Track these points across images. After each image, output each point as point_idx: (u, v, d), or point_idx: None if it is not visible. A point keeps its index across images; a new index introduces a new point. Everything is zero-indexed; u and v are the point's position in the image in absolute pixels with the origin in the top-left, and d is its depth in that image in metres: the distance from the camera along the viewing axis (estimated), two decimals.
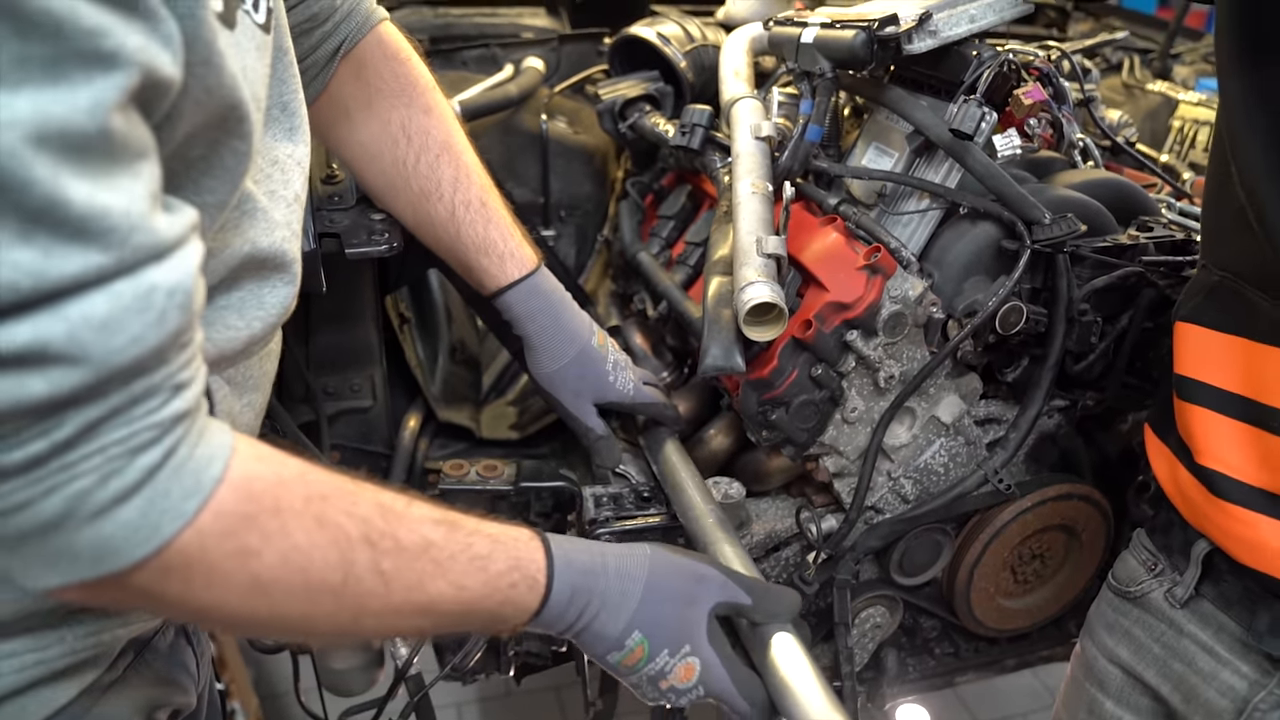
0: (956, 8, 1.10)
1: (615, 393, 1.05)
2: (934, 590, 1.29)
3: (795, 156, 1.14)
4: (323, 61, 0.93)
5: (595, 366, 1.03)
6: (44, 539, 0.48)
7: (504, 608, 0.69)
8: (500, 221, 0.99)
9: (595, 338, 1.05)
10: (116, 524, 0.49)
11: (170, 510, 0.50)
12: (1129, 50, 1.83)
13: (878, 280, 1.04)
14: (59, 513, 0.47)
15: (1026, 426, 1.14)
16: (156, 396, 0.49)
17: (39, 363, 0.44)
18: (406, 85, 0.97)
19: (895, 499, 1.18)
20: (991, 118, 1.04)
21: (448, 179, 0.97)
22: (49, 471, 0.47)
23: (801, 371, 1.06)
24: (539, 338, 1.01)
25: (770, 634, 0.81)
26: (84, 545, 0.49)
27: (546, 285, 1.02)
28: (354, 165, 1.01)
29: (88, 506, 0.48)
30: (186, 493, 0.51)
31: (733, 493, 1.11)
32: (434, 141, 0.97)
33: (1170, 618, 0.94)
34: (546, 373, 1.03)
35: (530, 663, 1.33)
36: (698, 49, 1.44)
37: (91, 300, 0.44)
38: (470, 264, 0.99)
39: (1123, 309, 1.15)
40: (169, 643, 0.79)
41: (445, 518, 0.66)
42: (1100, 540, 1.31)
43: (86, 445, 0.47)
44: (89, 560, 0.50)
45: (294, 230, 0.71)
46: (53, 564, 0.50)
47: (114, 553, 0.50)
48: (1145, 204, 1.21)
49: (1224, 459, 0.85)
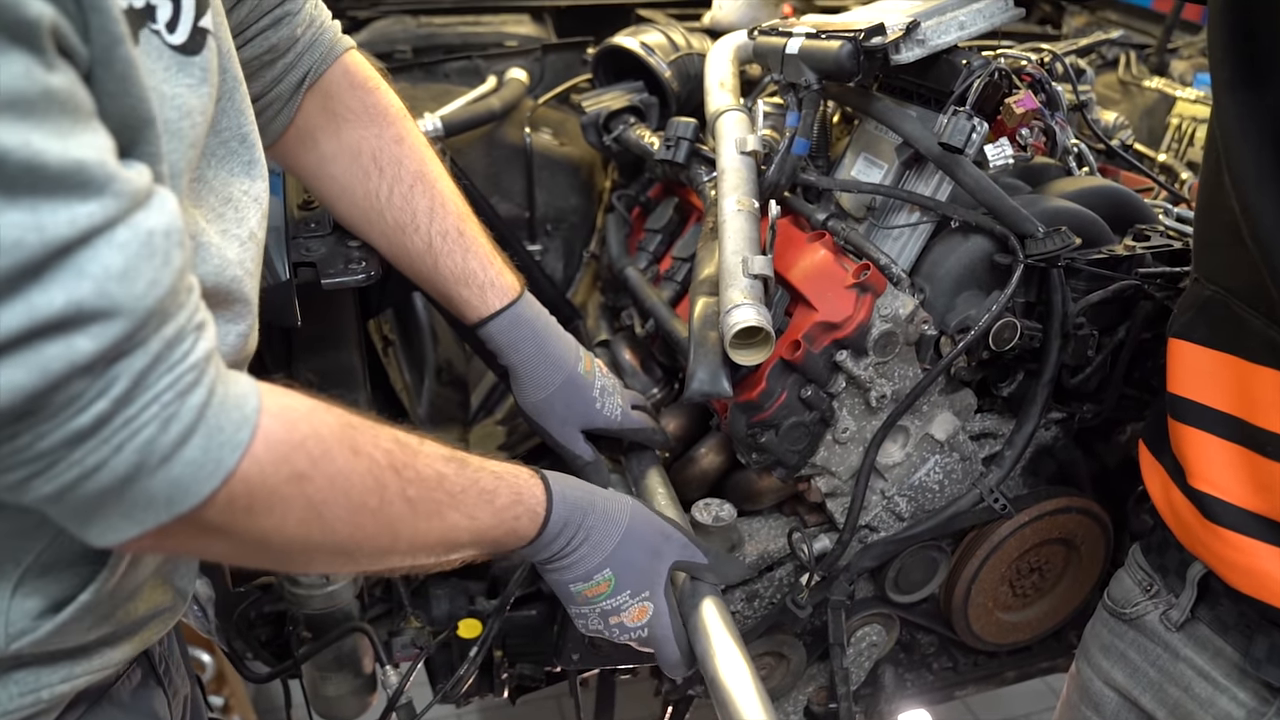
0: (945, 15, 1.07)
1: (602, 419, 1.04)
2: (931, 606, 1.27)
3: (782, 171, 1.12)
4: (287, 94, 0.90)
5: (582, 394, 1.02)
6: (121, 494, 0.51)
7: (507, 537, 0.78)
8: (479, 250, 0.97)
9: (582, 364, 1.03)
10: (184, 464, 0.52)
11: (227, 442, 0.54)
12: (1125, 46, 1.80)
13: (867, 298, 1.02)
14: (132, 465, 0.50)
15: (1022, 444, 1.12)
16: (186, 339, 0.52)
17: (80, 322, 0.46)
18: (376, 115, 0.95)
19: (890, 517, 1.16)
20: (982, 128, 1.01)
21: (423, 209, 0.95)
22: (115, 428, 0.49)
23: (791, 393, 1.04)
24: (524, 367, 0.99)
25: (702, 598, 0.89)
26: (158, 490, 0.52)
27: (530, 313, 1.00)
28: (326, 198, 0.99)
29: (156, 453, 0.51)
30: (237, 425, 0.54)
31: (724, 515, 1.10)
32: (407, 172, 0.95)
33: (1166, 641, 0.92)
34: (533, 402, 1.01)
35: (524, 684, 1.32)
36: (683, 58, 1.41)
37: (103, 253, 0.46)
38: (450, 295, 0.98)
39: (1120, 320, 1.13)
40: (132, 689, 0.76)
41: (454, 455, 0.72)
42: (1100, 552, 1.29)
43: (143, 395, 0.50)
44: (164, 503, 0.53)
45: (248, 269, 0.68)
46: (129, 515, 0.52)
47: (186, 492, 0.53)
48: (1141, 212, 1.19)
49: (1217, 482, 0.83)
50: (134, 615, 0.71)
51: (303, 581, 1.18)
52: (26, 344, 0.45)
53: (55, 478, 0.50)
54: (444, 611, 1.26)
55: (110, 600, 0.67)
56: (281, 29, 0.86)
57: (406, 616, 1.24)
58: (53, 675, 0.66)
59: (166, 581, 0.75)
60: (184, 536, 0.56)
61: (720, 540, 1.09)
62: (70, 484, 0.50)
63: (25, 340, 0.45)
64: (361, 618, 1.24)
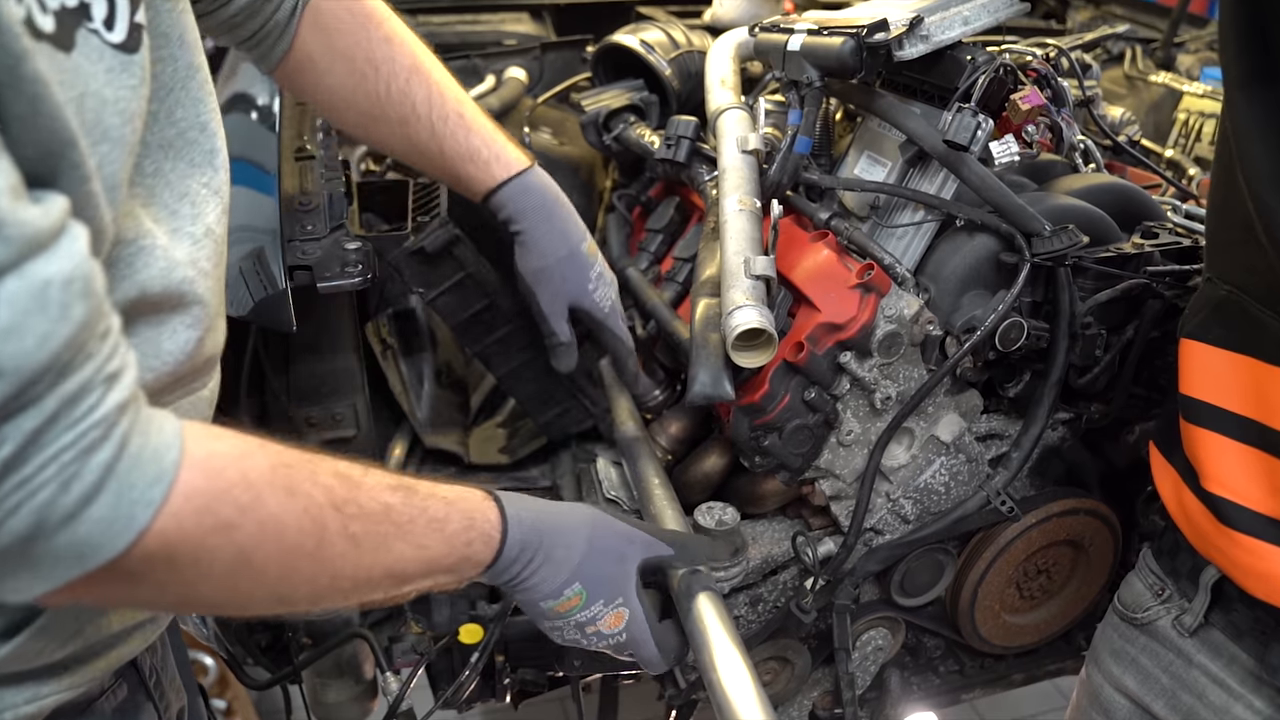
0: (949, 10, 1.05)
1: (591, 302, 1.07)
2: (937, 609, 1.26)
3: (784, 170, 1.10)
4: (284, 21, 0.92)
5: (581, 271, 1.05)
6: (24, 553, 0.48)
7: (462, 564, 0.74)
8: (481, 129, 1.00)
9: (586, 244, 1.06)
10: (90, 523, 0.49)
11: (139, 500, 0.51)
12: (1131, 40, 1.78)
13: (871, 299, 1.00)
14: (29, 525, 0.47)
15: (1029, 445, 1.10)
16: (92, 393, 0.48)
17: None
18: (362, 19, 0.96)
19: (895, 520, 1.14)
20: (987, 125, 0.99)
21: (421, 99, 0.97)
22: (7, 490, 0.46)
23: (794, 395, 1.03)
24: (530, 234, 1.02)
25: (701, 601, 0.88)
26: (62, 549, 0.49)
27: (539, 183, 1.03)
28: (329, 112, 1.02)
29: (56, 514, 0.48)
30: (150, 480, 0.51)
31: (726, 518, 1.08)
32: (400, 67, 0.97)
33: (1179, 647, 0.90)
34: (534, 268, 1.04)
35: (526, 689, 1.31)
36: (683, 55, 1.40)
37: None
38: (459, 174, 1.00)
39: (1128, 319, 1.11)
40: (116, 704, 0.73)
41: (401, 483, 0.69)
42: (1108, 553, 1.27)
43: (37, 456, 0.46)
44: (72, 560, 0.50)
45: (201, 269, 0.65)
46: (36, 572, 0.50)
47: (94, 549, 0.50)
48: (1149, 208, 1.17)
49: (1232, 485, 0.81)
50: (107, 630, 0.68)
51: None
52: None
53: None
54: (445, 617, 1.25)
55: (73, 619, 0.64)
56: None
57: (407, 622, 1.23)
58: (16, 696, 0.64)
59: None
60: (102, 589, 0.54)
61: (723, 544, 1.08)
62: None
63: None
64: (362, 624, 1.23)
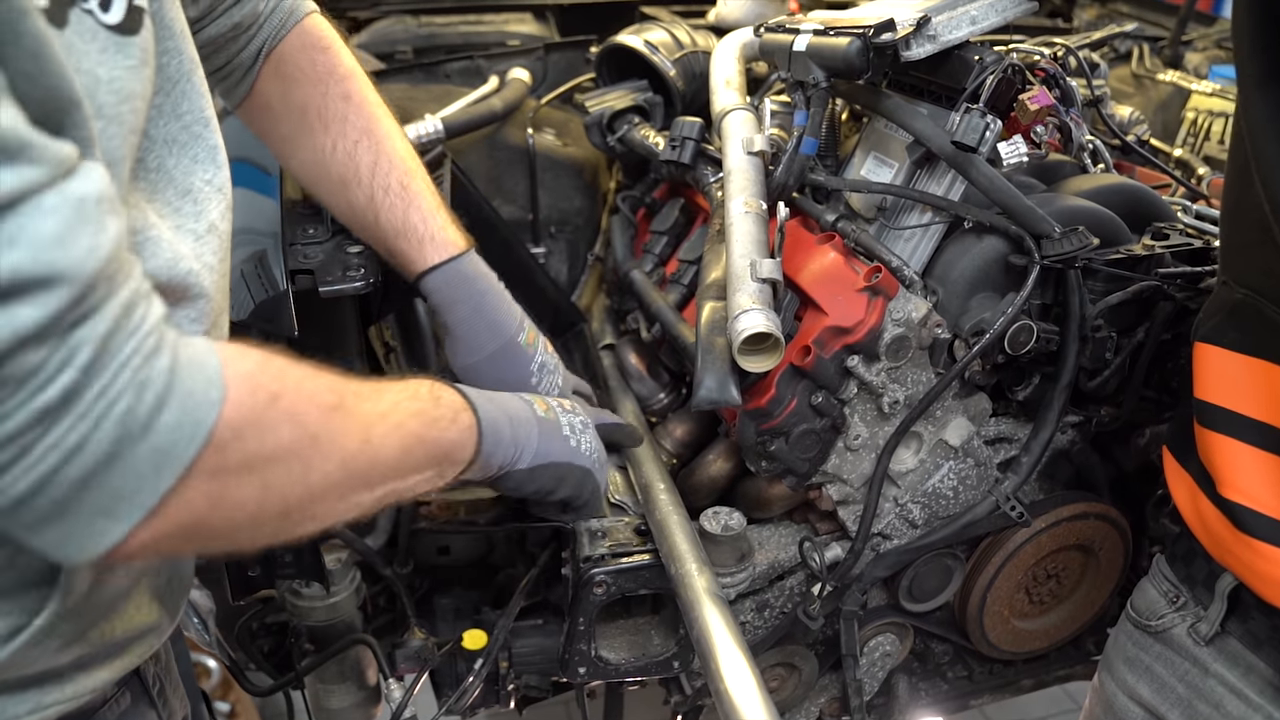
0: (956, 9, 1.04)
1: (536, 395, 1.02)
2: (945, 615, 1.25)
3: (790, 171, 1.09)
4: (247, 63, 0.91)
5: (517, 367, 1.00)
6: (104, 478, 0.49)
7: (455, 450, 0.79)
8: (421, 205, 0.97)
9: (524, 335, 1.02)
10: (165, 430, 0.50)
11: (202, 398, 0.52)
12: (1138, 38, 1.76)
13: (879, 302, 0.99)
14: (115, 438, 0.48)
15: (1039, 450, 1.09)
16: (139, 305, 0.50)
17: (19, 291, 0.44)
18: (324, 73, 0.95)
19: (903, 524, 1.13)
20: (996, 126, 0.98)
21: (365, 164, 0.96)
22: (90, 400, 0.47)
23: (801, 400, 1.01)
24: (458, 328, 0.99)
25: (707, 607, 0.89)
26: (143, 464, 0.50)
27: (471, 271, 0.99)
28: (280, 158, 1.01)
29: (136, 422, 0.49)
30: (207, 378, 0.53)
31: (733, 524, 1.07)
32: (352, 128, 0.96)
33: (1195, 655, 0.89)
34: (462, 364, 1.00)
35: (530, 695, 1.30)
36: (687, 56, 1.38)
37: (34, 220, 0.44)
38: (390, 249, 0.98)
39: (1139, 321, 1.10)
40: (119, 713, 0.72)
41: (377, 386, 0.71)
42: (1119, 558, 1.26)
43: (112, 363, 0.48)
44: (151, 476, 0.50)
45: (206, 263, 0.65)
46: (112, 509, 0.50)
47: (175, 454, 0.51)
48: (1160, 209, 1.16)
49: (1250, 492, 0.80)
50: (110, 637, 0.67)
51: (304, 593, 1.16)
52: None
53: (33, 467, 0.47)
54: (449, 622, 1.24)
55: (74, 622, 0.63)
56: (245, 6, 0.87)
57: (410, 627, 1.22)
58: (19, 706, 0.63)
59: (154, 600, 0.72)
60: (173, 525, 0.53)
61: (730, 550, 1.07)
62: (50, 472, 0.47)
63: None
64: (365, 629, 1.22)
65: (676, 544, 0.97)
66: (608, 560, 1.03)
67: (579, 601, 1.03)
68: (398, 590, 1.17)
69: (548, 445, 0.91)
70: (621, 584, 1.02)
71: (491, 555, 1.29)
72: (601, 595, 1.02)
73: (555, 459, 0.91)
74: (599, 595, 1.02)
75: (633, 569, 1.02)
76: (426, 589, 1.26)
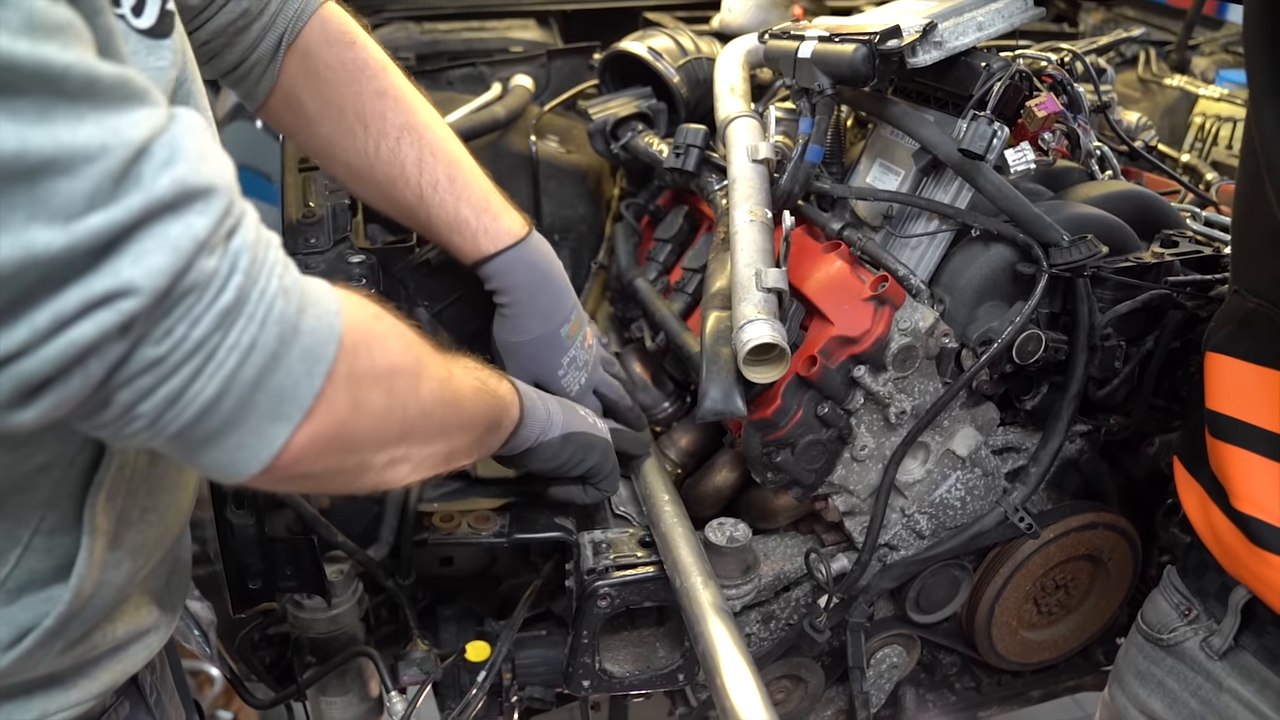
0: (963, 15, 1.03)
1: (557, 387, 1.04)
2: (953, 626, 1.23)
3: (795, 179, 1.08)
4: (267, 56, 0.89)
5: (552, 355, 1.04)
6: (272, 376, 0.52)
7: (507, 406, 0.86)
8: (472, 196, 0.97)
9: (567, 326, 1.04)
10: (309, 331, 0.54)
11: (329, 308, 0.56)
12: (1144, 43, 1.75)
13: (885, 311, 0.98)
14: (277, 336, 0.52)
15: (1048, 460, 1.08)
16: (262, 229, 0.53)
17: (188, 201, 0.47)
18: (356, 71, 0.93)
19: (910, 535, 1.12)
20: (1003, 133, 0.97)
21: (411, 161, 0.95)
22: (254, 302, 0.51)
23: (807, 410, 1.00)
24: (510, 309, 1.02)
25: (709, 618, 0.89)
26: (297, 364, 0.53)
27: (528, 258, 1.00)
28: (320, 160, 1.00)
29: (289, 323, 0.53)
30: (327, 293, 0.57)
31: (738, 535, 1.06)
32: (392, 125, 0.94)
33: (1208, 670, 0.88)
34: (505, 341, 1.04)
35: (533, 706, 1.29)
36: (691, 62, 1.37)
37: (179, 143, 0.47)
38: (446, 243, 1.00)
39: (1148, 330, 1.08)
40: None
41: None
42: (1128, 568, 1.24)
43: (264, 268, 0.51)
44: (305, 376, 0.54)
45: None
46: (277, 411, 0.53)
47: (319, 358, 0.55)
48: (1169, 216, 1.14)
49: (1264, 504, 0.78)
50: (112, 638, 0.68)
51: (306, 605, 1.15)
52: (151, 224, 0.46)
53: (218, 369, 0.50)
54: (451, 633, 1.23)
55: (80, 622, 0.64)
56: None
57: (413, 639, 1.21)
58: (24, 714, 0.63)
59: (152, 600, 0.72)
60: (323, 429, 0.56)
61: (735, 561, 1.06)
62: (231, 373, 0.50)
63: (148, 221, 0.46)
64: (367, 640, 1.21)
65: (681, 557, 0.96)
66: (612, 572, 1.02)
67: (582, 614, 1.02)
68: (400, 601, 1.16)
69: (571, 418, 0.97)
70: (625, 597, 1.01)
71: (495, 566, 1.28)
72: (605, 608, 1.01)
73: (579, 428, 0.97)
74: (603, 608, 1.01)
75: (637, 581, 1.01)
76: (429, 600, 1.25)
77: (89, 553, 0.61)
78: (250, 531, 1.00)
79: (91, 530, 0.61)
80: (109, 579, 0.65)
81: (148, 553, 0.68)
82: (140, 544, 0.67)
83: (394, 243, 1.08)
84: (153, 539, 0.69)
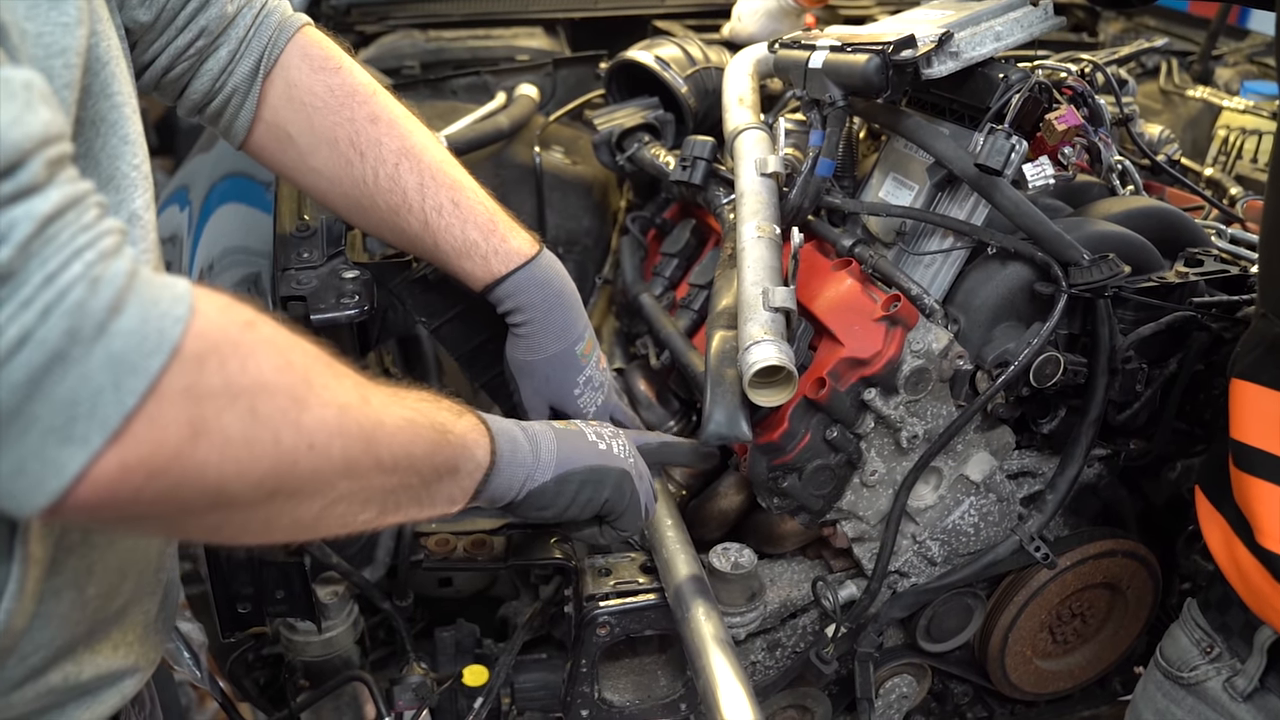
0: (980, 25, 1.00)
1: (575, 408, 1.00)
2: (965, 655, 1.19)
3: (805, 193, 1.05)
4: (244, 86, 0.86)
5: (567, 374, 0.99)
6: (56, 382, 0.44)
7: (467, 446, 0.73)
8: (477, 218, 0.93)
9: (582, 345, 1.00)
10: (121, 335, 0.45)
11: (167, 313, 0.47)
12: (1166, 53, 1.71)
13: (897, 332, 0.95)
14: (64, 331, 0.43)
15: (1066, 488, 1.04)
16: (95, 209, 0.47)
17: None
18: (345, 97, 0.89)
19: (921, 562, 1.08)
20: (1021, 147, 0.93)
21: (413, 187, 0.91)
22: (34, 286, 0.43)
23: (815, 434, 0.97)
24: (523, 329, 0.97)
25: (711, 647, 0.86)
26: (98, 372, 0.44)
27: (540, 277, 0.96)
28: (315, 194, 0.95)
29: (89, 320, 0.44)
30: (174, 297, 0.48)
31: (743, 561, 1.02)
32: (389, 151, 0.90)
33: (1231, 712, 0.84)
34: (520, 360, 0.99)
35: None
36: (700, 72, 1.34)
37: None
38: (454, 269, 0.95)
39: (1171, 351, 1.05)
40: None
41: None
42: (1148, 596, 1.20)
43: (56, 249, 0.44)
44: (110, 389, 0.45)
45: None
46: (68, 431, 0.44)
47: (133, 369, 0.45)
48: (1193, 234, 1.10)
49: None
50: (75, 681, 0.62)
51: (299, 628, 1.12)
52: None
53: None
54: (449, 656, 1.20)
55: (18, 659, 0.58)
56: (209, 10, 0.82)
57: (410, 662, 1.18)
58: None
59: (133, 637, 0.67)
60: (147, 454, 0.47)
61: (739, 588, 1.02)
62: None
63: None
64: (363, 663, 1.18)
65: (683, 586, 0.93)
66: (612, 599, 0.98)
67: (582, 642, 0.99)
68: (397, 624, 1.13)
69: (570, 451, 0.84)
70: (626, 625, 0.98)
71: (493, 588, 1.25)
72: (605, 637, 0.98)
73: (582, 463, 0.84)
74: (602, 637, 0.98)
75: (637, 609, 0.98)
76: (427, 621, 1.22)
77: (19, 583, 0.56)
78: (239, 554, 0.98)
79: (24, 557, 0.56)
80: (49, 610, 0.59)
81: (103, 580, 0.63)
82: (86, 570, 0.62)
83: (391, 257, 1.05)
84: (108, 566, 0.63)
